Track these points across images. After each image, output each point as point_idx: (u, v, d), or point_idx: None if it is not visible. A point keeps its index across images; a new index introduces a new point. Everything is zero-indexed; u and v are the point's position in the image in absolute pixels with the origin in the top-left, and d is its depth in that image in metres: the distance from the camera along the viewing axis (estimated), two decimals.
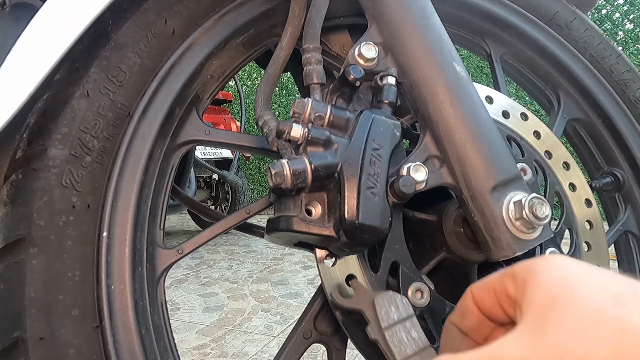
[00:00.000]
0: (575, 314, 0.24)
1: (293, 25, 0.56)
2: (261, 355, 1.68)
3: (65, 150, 0.45)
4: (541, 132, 0.66)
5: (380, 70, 0.52)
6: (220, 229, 0.56)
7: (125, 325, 0.45)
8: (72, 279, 0.44)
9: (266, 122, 0.52)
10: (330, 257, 0.52)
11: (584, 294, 0.25)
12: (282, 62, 0.56)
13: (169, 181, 0.54)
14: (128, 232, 0.47)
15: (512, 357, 0.24)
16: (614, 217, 0.84)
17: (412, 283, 0.52)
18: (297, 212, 0.45)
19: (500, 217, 0.49)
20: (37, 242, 0.43)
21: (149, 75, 0.51)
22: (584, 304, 0.25)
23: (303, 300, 2.30)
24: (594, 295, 0.25)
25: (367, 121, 0.47)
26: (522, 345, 0.25)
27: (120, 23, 0.49)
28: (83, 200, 0.46)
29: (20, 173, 0.44)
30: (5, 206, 0.43)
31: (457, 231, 0.56)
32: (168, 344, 0.50)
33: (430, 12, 0.53)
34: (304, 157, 0.44)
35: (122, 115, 0.49)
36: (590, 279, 0.26)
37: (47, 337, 0.42)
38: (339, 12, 0.62)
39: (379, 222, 0.45)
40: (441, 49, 0.52)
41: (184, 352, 1.70)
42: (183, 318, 2.09)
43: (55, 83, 0.46)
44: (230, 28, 0.57)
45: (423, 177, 0.48)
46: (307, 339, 0.55)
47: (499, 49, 0.78)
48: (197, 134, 0.57)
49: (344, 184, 0.44)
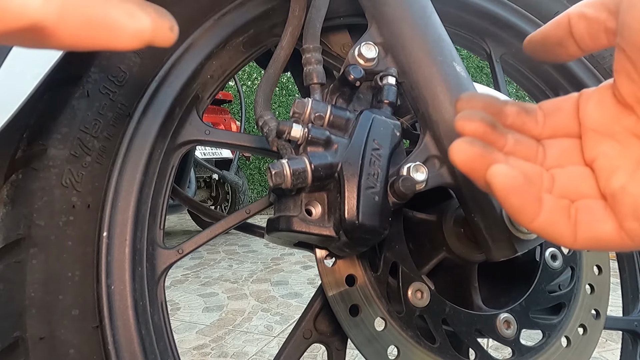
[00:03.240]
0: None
1: (293, 25, 0.56)
2: (261, 355, 1.68)
3: (65, 150, 0.45)
4: None
5: (380, 70, 0.52)
6: (220, 229, 0.56)
7: (125, 325, 0.45)
8: (72, 279, 0.44)
9: (266, 122, 0.52)
10: (330, 257, 0.52)
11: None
12: (282, 62, 0.56)
13: (169, 181, 0.54)
14: (128, 232, 0.47)
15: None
16: None
17: (412, 283, 0.52)
18: (297, 212, 0.45)
19: (500, 217, 0.49)
20: (37, 242, 0.43)
21: (149, 75, 0.51)
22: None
23: (303, 300, 2.30)
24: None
25: (367, 121, 0.47)
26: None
27: None
28: (83, 200, 0.46)
29: (20, 173, 0.44)
30: (5, 206, 0.43)
31: (457, 231, 0.56)
32: (168, 344, 0.50)
33: (430, 12, 0.53)
34: (304, 157, 0.44)
35: (122, 115, 0.49)
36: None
37: (47, 337, 0.42)
38: (339, 12, 0.62)
39: (379, 222, 0.45)
40: (441, 49, 0.52)
41: (184, 352, 1.70)
42: (183, 318, 2.09)
43: (55, 83, 0.46)
44: (230, 28, 0.57)
45: (423, 177, 0.48)
46: (307, 339, 0.55)
47: (499, 49, 0.78)
48: (197, 134, 0.57)
49: (344, 184, 0.44)
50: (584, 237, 0.27)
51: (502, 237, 0.49)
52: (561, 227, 0.27)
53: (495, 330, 0.55)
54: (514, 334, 0.56)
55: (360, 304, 0.51)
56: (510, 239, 0.49)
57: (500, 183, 0.27)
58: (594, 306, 0.63)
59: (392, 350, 0.51)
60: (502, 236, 0.49)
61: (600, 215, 0.27)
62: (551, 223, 0.27)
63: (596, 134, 0.30)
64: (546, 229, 0.27)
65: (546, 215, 0.27)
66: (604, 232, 0.26)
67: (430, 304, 0.52)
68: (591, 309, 0.62)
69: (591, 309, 0.62)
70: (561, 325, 0.60)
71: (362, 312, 0.51)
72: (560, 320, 0.60)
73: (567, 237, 0.27)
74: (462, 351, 0.55)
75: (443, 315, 0.53)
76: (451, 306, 0.54)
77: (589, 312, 0.62)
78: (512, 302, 0.58)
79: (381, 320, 0.52)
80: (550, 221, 0.27)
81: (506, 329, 0.55)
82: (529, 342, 0.58)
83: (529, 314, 0.58)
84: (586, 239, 0.27)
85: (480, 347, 0.54)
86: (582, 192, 0.29)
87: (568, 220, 0.28)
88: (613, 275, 0.69)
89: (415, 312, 0.52)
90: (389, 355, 0.51)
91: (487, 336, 0.56)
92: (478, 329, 0.55)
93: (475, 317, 0.55)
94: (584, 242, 0.27)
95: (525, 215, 0.27)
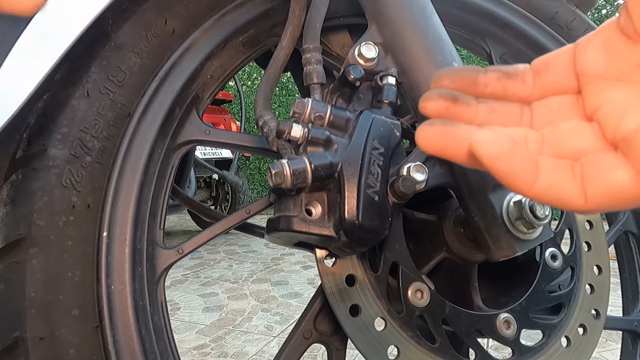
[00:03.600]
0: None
1: (293, 25, 0.56)
2: (261, 355, 1.68)
3: (65, 150, 0.45)
4: None
5: (380, 70, 0.52)
6: (220, 229, 0.56)
7: (125, 325, 0.45)
8: (72, 279, 0.44)
9: (266, 122, 0.52)
10: (330, 257, 0.52)
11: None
12: (282, 62, 0.56)
13: (169, 181, 0.54)
14: (128, 232, 0.47)
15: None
16: (614, 217, 0.84)
17: (412, 283, 0.52)
18: (297, 212, 0.45)
19: (500, 217, 0.49)
20: (37, 242, 0.43)
21: (149, 75, 0.51)
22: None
23: (303, 300, 2.30)
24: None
25: (367, 121, 0.47)
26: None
27: (120, 23, 0.49)
28: (83, 200, 0.46)
29: (20, 173, 0.44)
30: (5, 206, 0.43)
31: (457, 231, 0.56)
32: (168, 344, 0.50)
33: (430, 12, 0.53)
34: (304, 157, 0.44)
35: (122, 115, 0.49)
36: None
37: (47, 337, 0.42)
38: (339, 12, 0.62)
39: (379, 222, 0.45)
40: (441, 49, 0.52)
41: (184, 352, 1.70)
42: (183, 318, 2.09)
43: (55, 83, 0.45)
44: (230, 28, 0.57)
45: (423, 177, 0.48)
46: (307, 339, 0.55)
47: (499, 49, 0.78)
48: (197, 134, 0.57)
49: (344, 184, 0.44)
50: (596, 193, 0.24)
51: (502, 237, 0.49)
52: (566, 187, 0.25)
53: (495, 330, 0.55)
54: (514, 334, 0.56)
55: (360, 304, 0.51)
56: (510, 239, 0.49)
57: (485, 151, 0.25)
58: (594, 306, 0.63)
59: (392, 350, 0.51)
60: (502, 236, 0.49)
61: (610, 165, 0.24)
62: (554, 184, 0.25)
63: (600, 80, 0.27)
64: (549, 191, 0.25)
65: (546, 177, 0.25)
66: (618, 181, 0.23)
67: (430, 304, 0.52)
68: (591, 309, 0.62)
69: (591, 309, 0.62)
70: (561, 325, 0.60)
71: (362, 312, 0.51)
72: (560, 320, 0.60)
73: (576, 197, 0.24)
74: (462, 351, 0.55)
75: (443, 315, 0.53)
76: (451, 306, 0.54)
77: (589, 312, 0.62)
78: (512, 302, 0.58)
79: (381, 320, 0.52)
80: (553, 182, 0.25)
81: (506, 329, 0.55)
82: (529, 342, 0.58)
83: (529, 314, 0.58)
84: (598, 195, 0.24)
85: (480, 347, 0.54)
86: (583, 148, 0.26)
87: (573, 179, 0.25)
88: (613, 275, 0.69)
89: (415, 312, 0.52)
90: (389, 355, 0.51)
91: (487, 336, 0.56)
92: (478, 329, 0.55)
93: (475, 317, 0.55)
94: (596, 200, 0.24)
95: (522, 179, 0.25)
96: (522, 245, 0.49)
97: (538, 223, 0.48)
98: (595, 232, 0.66)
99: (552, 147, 0.27)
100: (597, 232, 0.66)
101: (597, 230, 0.66)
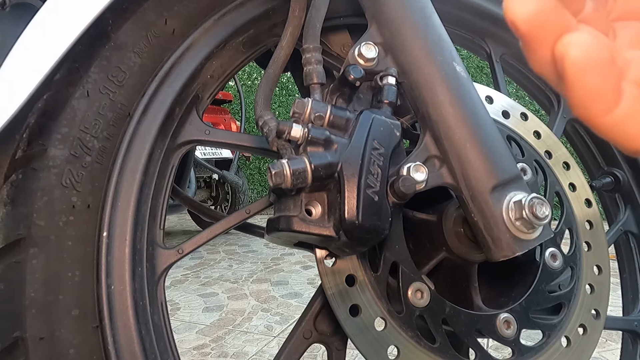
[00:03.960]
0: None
1: (293, 25, 0.56)
2: (261, 355, 1.68)
3: (65, 150, 0.45)
4: (541, 132, 0.66)
5: (380, 70, 0.52)
6: (220, 229, 0.56)
7: (125, 325, 0.45)
8: (72, 279, 0.44)
9: (266, 122, 0.52)
10: (330, 257, 0.52)
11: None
12: (282, 62, 0.56)
13: (169, 181, 0.54)
14: (128, 232, 0.47)
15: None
16: (614, 217, 0.84)
17: (412, 283, 0.52)
18: (297, 212, 0.45)
19: (500, 217, 0.49)
20: (37, 242, 0.43)
21: (149, 75, 0.51)
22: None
23: (303, 300, 2.30)
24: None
25: (367, 121, 0.47)
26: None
27: (120, 23, 0.49)
28: (83, 200, 0.46)
29: (20, 173, 0.44)
30: (5, 206, 0.43)
31: (457, 231, 0.56)
32: (168, 344, 0.50)
33: (430, 12, 0.53)
34: (304, 157, 0.44)
35: (122, 115, 0.49)
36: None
37: (47, 337, 0.42)
38: (339, 12, 0.62)
39: (379, 222, 0.45)
40: (441, 49, 0.52)
41: (184, 352, 1.70)
42: (183, 318, 2.09)
43: (55, 83, 0.45)
44: (230, 28, 0.57)
45: (423, 177, 0.48)
46: (307, 339, 0.55)
47: (499, 49, 0.78)
48: (197, 134, 0.57)
49: (344, 184, 0.44)
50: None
51: (502, 237, 0.49)
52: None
53: (495, 330, 0.55)
54: (514, 334, 0.56)
55: (360, 304, 0.51)
56: (510, 239, 0.49)
57: (579, 56, 0.20)
58: (594, 306, 0.63)
59: (392, 350, 0.51)
60: (502, 236, 0.49)
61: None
62: (632, 116, 0.21)
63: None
64: (625, 123, 0.21)
65: (628, 105, 0.21)
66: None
67: (430, 304, 0.52)
68: (591, 309, 0.62)
69: (591, 309, 0.62)
70: (561, 325, 0.60)
71: (362, 312, 0.51)
72: (560, 320, 0.60)
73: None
74: (462, 351, 0.55)
75: (443, 315, 0.53)
76: (451, 306, 0.54)
77: (589, 312, 0.62)
78: (512, 302, 0.58)
79: (381, 320, 0.52)
80: (632, 114, 0.21)
81: (506, 329, 0.55)
82: (529, 342, 0.58)
83: (529, 314, 0.58)
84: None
85: (480, 347, 0.54)
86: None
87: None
88: (613, 275, 0.70)
89: (415, 312, 0.52)
90: (389, 355, 0.51)
91: (487, 336, 0.56)
92: (478, 329, 0.55)
93: (475, 317, 0.55)
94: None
95: (602, 102, 0.20)
96: (522, 245, 0.49)
97: (538, 223, 0.48)
98: (595, 232, 0.66)
99: (637, 74, 0.22)
100: (597, 232, 0.66)
101: (597, 230, 0.66)
